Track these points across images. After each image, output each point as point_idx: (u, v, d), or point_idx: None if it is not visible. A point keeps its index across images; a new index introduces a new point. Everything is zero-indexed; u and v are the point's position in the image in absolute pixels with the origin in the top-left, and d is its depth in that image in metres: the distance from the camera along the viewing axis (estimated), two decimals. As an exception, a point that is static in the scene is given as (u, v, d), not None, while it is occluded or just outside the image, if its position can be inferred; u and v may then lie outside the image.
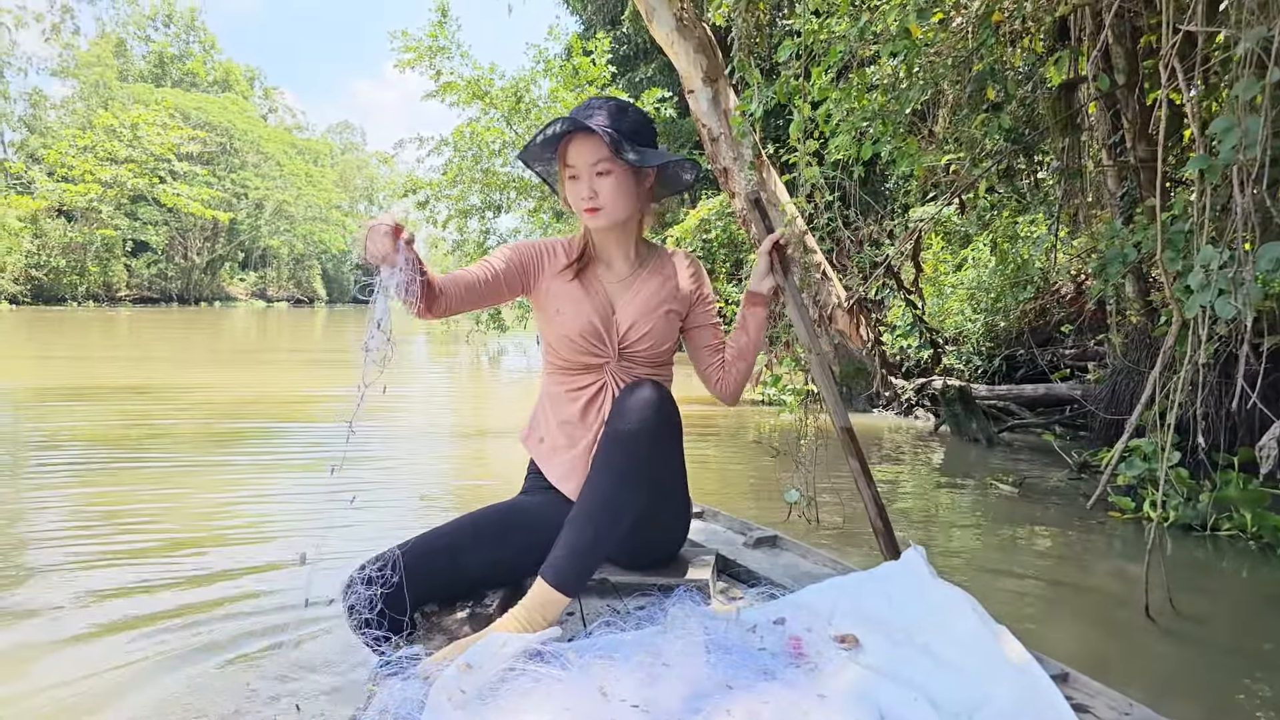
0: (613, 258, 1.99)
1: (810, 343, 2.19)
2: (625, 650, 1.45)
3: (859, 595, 1.64)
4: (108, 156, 41.87)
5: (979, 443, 6.13)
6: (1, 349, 15.19)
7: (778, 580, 1.93)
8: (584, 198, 1.84)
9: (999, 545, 3.62)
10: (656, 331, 1.92)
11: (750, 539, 2.24)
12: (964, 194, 6.05)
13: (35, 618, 2.50)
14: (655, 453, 1.68)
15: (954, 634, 1.44)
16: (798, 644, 1.49)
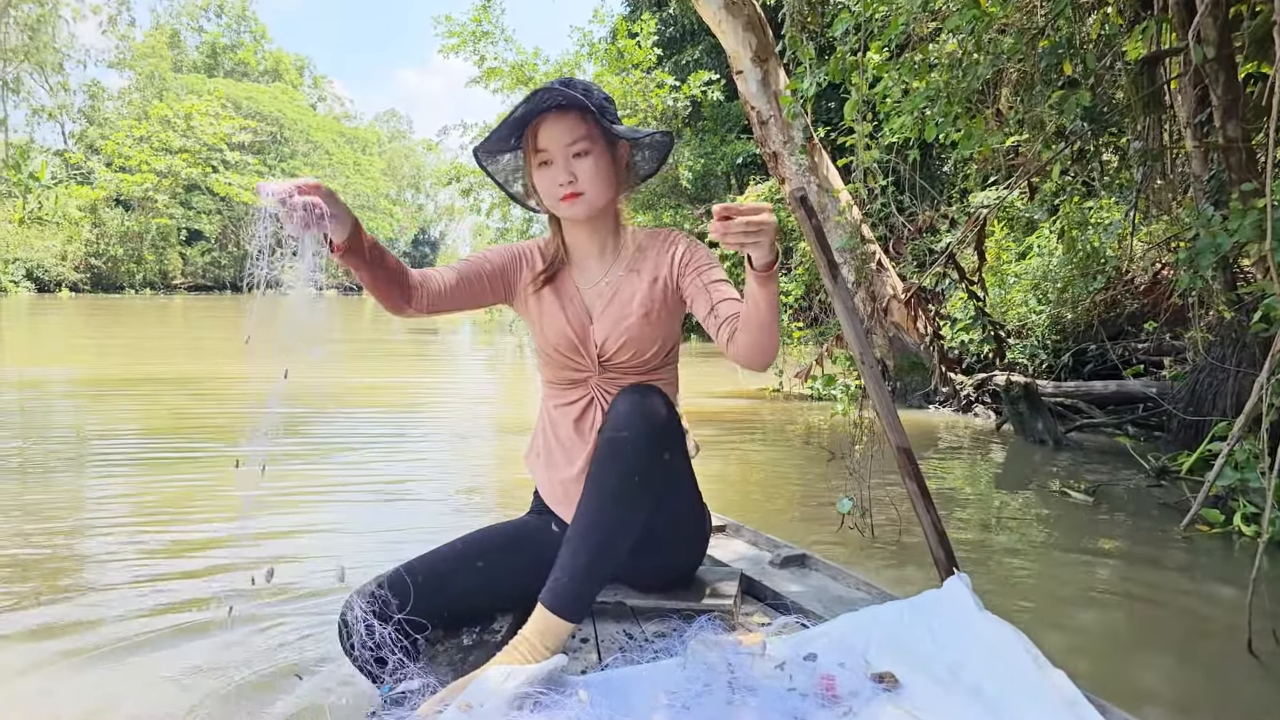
0: (587, 258, 1.82)
1: (863, 354, 1.92)
2: (642, 687, 1.35)
3: (897, 627, 1.52)
4: (163, 147, 42.72)
5: (1044, 443, 5.76)
6: (64, 337, 15.51)
7: (807, 605, 1.79)
8: (561, 184, 1.66)
9: (1070, 562, 3.31)
10: (638, 339, 1.75)
11: (777, 557, 2.08)
12: (1033, 177, 5.66)
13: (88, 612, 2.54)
14: (650, 463, 1.55)
15: (1004, 675, 1.32)
16: (831, 683, 1.36)
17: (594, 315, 1.79)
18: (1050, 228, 7.55)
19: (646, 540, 1.66)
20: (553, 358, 1.79)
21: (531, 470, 1.88)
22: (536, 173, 1.69)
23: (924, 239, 7.42)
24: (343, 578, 1.83)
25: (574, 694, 1.32)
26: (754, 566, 2.05)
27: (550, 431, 1.82)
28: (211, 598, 2.67)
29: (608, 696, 1.33)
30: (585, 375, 1.77)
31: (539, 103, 1.62)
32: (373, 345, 15.11)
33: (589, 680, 1.38)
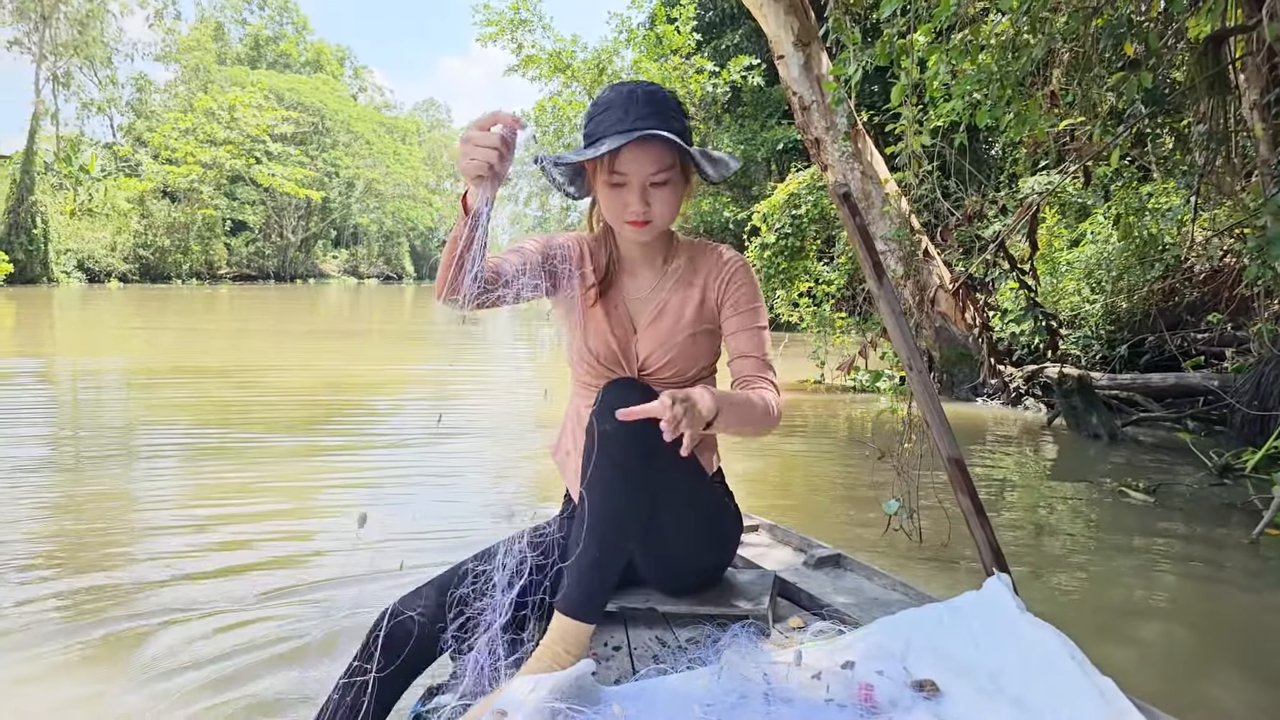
0: (638, 266, 1.75)
1: (911, 359, 1.81)
2: (676, 698, 1.31)
3: (936, 631, 1.46)
4: (207, 138, 43.42)
5: (1099, 438, 5.57)
6: (115, 327, 15.82)
7: (842, 608, 1.75)
8: (634, 210, 1.56)
9: (1132, 569, 3.16)
10: (681, 357, 1.69)
11: (811, 558, 2.02)
12: (1089, 162, 5.45)
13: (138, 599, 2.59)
14: (636, 455, 1.48)
15: (1048, 682, 1.26)
16: (869, 693, 1.31)
17: (638, 326, 1.72)
18: (1105, 214, 7.29)
19: (669, 540, 1.63)
20: (591, 365, 1.72)
21: (560, 466, 1.84)
22: (606, 190, 1.58)
23: (972, 226, 7.21)
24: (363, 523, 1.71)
25: (608, 707, 1.28)
26: (788, 568, 2.00)
27: (576, 430, 1.77)
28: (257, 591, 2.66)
29: (641, 707, 1.29)
30: (619, 376, 1.70)
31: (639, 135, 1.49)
32: (414, 332, 15.20)
33: (622, 691, 1.34)
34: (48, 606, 2.61)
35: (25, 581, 2.83)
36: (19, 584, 2.80)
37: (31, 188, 34.96)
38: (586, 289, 1.72)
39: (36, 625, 2.47)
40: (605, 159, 1.54)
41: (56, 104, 44.04)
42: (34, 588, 2.76)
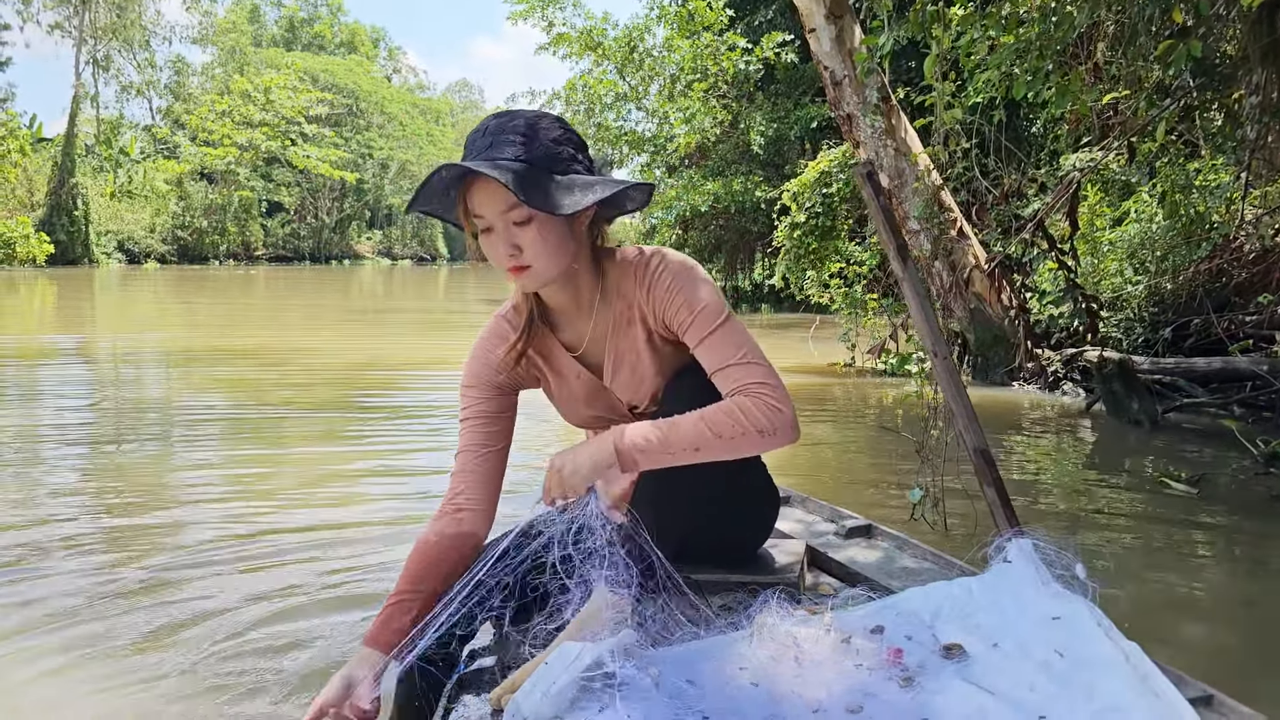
0: (569, 314, 1.56)
1: (936, 346, 1.75)
2: (710, 661, 1.37)
3: (965, 600, 1.50)
4: (243, 120, 43.88)
5: (1140, 425, 5.38)
6: (153, 308, 16.07)
7: (873, 576, 1.79)
8: (505, 255, 1.38)
9: (1172, 562, 3.03)
10: (659, 385, 1.57)
11: (842, 529, 2.07)
12: (1134, 136, 5.23)
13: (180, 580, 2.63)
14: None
15: (1077, 651, 1.30)
16: (898, 657, 1.36)
17: (605, 378, 1.59)
18: (1150, 191, 7.02)
19: (703, 510, 1.61)
20: (587, 429, 1.68)
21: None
22: (480, 238, 1.41)
23: (1010, 205, 6.98)
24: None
25: (645, 670, 1.32)
26: (818, 538, 2.04)
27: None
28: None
29: (676, 671, 1.34)
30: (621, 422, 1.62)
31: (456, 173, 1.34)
32: (447, 316, 15.24)
33: (659, 655, 1.38)
34: (88, 575, 2.65)
35: (67, 552, 2.88)
36: (62, 555, 2.84)
37: (72, 170, 35.59)
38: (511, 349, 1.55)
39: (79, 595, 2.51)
40: (464, 206, 1.39)
41: (96, 87, 44.70)
42: (76, 559, 2.81)
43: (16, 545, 2.95)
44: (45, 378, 7.22)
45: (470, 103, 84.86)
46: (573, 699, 1.24)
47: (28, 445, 4.66)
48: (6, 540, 3.00)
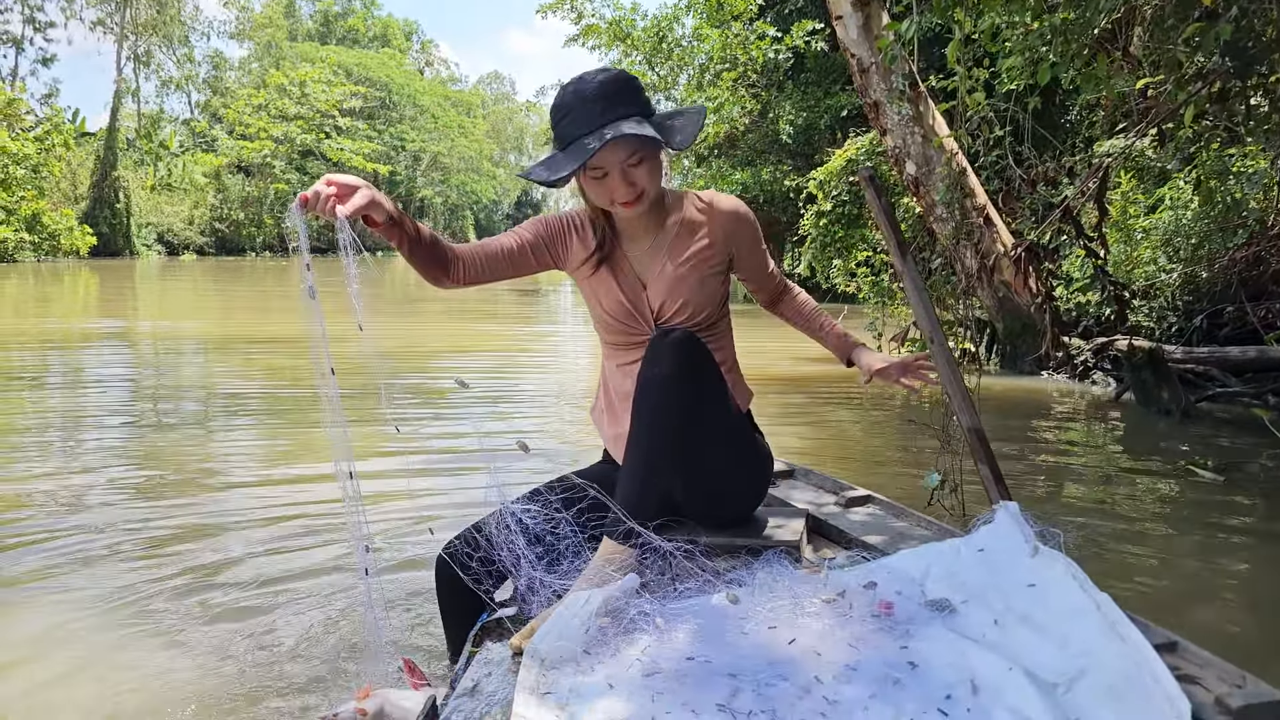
0: (635, 230, 1.85)
1: (933, 332, 1.80)
2: (711, 612, 1.46)
3: (954, 560, 1.59)
4: (279, 114, 44.41)
5: (1170, 414, 5.31)
6: (191, 297, 16.38)
7: (870, 542, 1.89)
8: (620, 195, 1.69)
9: (1197, 549, 3.01)
10: (693, 301, 1.82)
11: (842, 498, 2.18)
12: (1165, 123, 5.14)
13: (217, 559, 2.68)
14: (682, 396, 1.65)
15: (1054, 603, 1.38)
16: (889, 609, 1.45)
17: (647, 282, 1.84)
18: (1184, 178, 6.89)
19: (707, 474, 1.78)
20: (609, 322, 1.86)
21: (596, 424, 1.99)
22: (590, 184, 1.70)
23: (1041, 193, 6.89)
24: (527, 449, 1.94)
25: (652, 620, 1.43)
26: (819, 507, 2.13)
27: (611, 388, 1.92)
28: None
29: (681, 620, 1.44)
30: (643, 338, 1.82)
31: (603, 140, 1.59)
32: (477, 305, 15.36)
33: (664, 608, 1.48)
34: (128, 553, 2.76)
35: (110, 529, 2.99)
36: (103, 532, 2.94)
37: (114, 163, 36.29)
38: (588, 258, 1.84)
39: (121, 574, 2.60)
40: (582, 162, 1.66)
41: (137, 82, 45.59)
42: (117, 534, 2.91)
43: (60, 517, 3.07)
44: (88, 362, 7.43)
45: (501, 95, 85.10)
46: (585, 640, 1.37)
47: (72, 424, 4.84)
48: (51, 513, 3.12)
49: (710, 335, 1.86)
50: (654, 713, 1.21)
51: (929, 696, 1.22)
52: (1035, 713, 1.17)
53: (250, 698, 1.94)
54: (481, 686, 1.43)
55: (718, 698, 1.23)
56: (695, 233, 1.83)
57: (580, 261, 1.85)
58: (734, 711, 1.21)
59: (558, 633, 1.37)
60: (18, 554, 2.76)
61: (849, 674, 1.27)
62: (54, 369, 7.00)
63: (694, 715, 1.20)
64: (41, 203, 30.68)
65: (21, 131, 31.18)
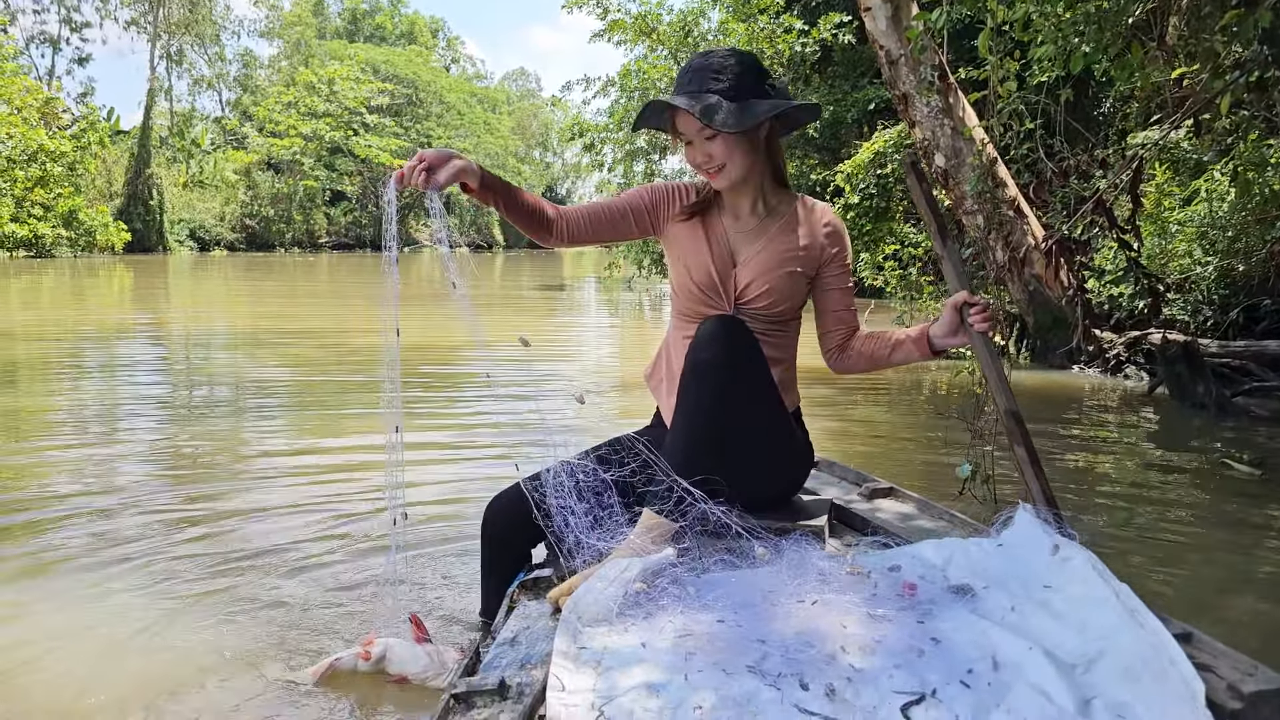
0: (739, 208, 1.94)
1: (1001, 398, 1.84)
2: (740, 586, 1.51)
3: (976, 551, 1.63)
4: (308, 111, 44.85)
5: (1205, 409, 5.23)
6: (223, 291, 16.61)
7: (893, 531, 1.93)
8: (697, 162, 1.84)
9: (1232, 544, 2.98)
10: (777, 290, 1.89)
11: (866, 490, 2.23)
12: (1201, 113, 5.05)
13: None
14: (725, 383, 1.71)
15: (1074, 591, 1.42)
16: (912, 589, 1.49)
17: (739, 259, 1.91)
18: (1221, 169, 6.77)
19: (746, 461, 1.80)
20: (691, 292, 1.91)
21: (653, 392, 2.06)
22: (684, 149, 1.86)
23: (1074, 185, 6.80)
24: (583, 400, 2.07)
25: (685, 587, 1.51)
26: (844, 496, 2.18)
27: (673, 359, 1.95)
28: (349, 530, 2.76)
29: (713, 588, 1.51)
30: (718, 313, 1.87)
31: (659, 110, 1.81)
32: (503, 301, 15.44)
33: (695, 580, 1.56)
34: (161, 537, 2.81)
35: (142, 510, 3.07)
36: (137, 514, 3.02)
37: (148, 161, 36.82)
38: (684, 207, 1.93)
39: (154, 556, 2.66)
40: (671, 124, 1.84)
41: (170, 81, 46.26)
42: (149, 517, 2.98)
43: (96, 503, 3.14)
44: (123, 353, 7.58)
45: (527, 91, 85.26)
46: (621, 603, 1.43)
47: (108, 412, 4.95)
48: (87, 499, 3.20)
49: (782, 331, 1.94)
50: (686, 671, 1.25)
51: (951, 669, 1.25)
52: (1055, 689, 1.20)
53: (265, 646, 2.06)
54: (520, 638, 1.49)
55: (748, 660, 1.28)
56: (797, 230, 1.92)
57: (682, 233, 1.93)
58: (763, 673, 1.24)
59: (595, 594, 1.44)
60: (57, 528, 2.86)
61: (874, 645, 1.31)
62: (91, 359, 7.13)
63: (725, 675, 1.24)
64: (78, 199, 31.22)
65: (59, 130, 31.76)
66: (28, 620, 2.21)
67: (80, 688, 1.89)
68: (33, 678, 1.93)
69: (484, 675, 1.35)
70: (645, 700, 1.20)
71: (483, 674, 1.37)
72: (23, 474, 3.60)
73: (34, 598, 2.35)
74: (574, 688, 1.23)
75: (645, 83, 16.58)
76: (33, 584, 2.45)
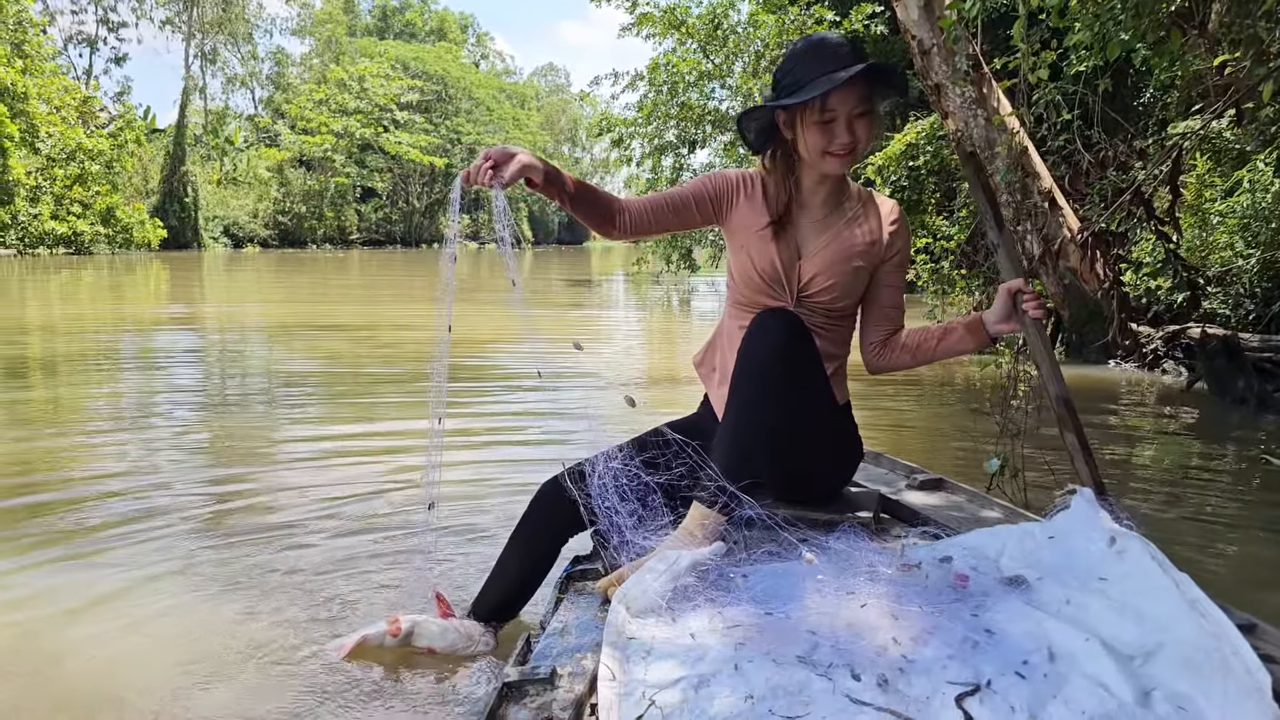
0: (814, 198, 1.89)
1: (1053, 385, 1.83)
2: (789, 577, 1.50)
3: (1029, 540, 1.59)
4: (339, 108, 45.32)
5: (1245, 404, 5.12)
6: (255, 286, 16.83)
7: (943, 522, 1.89)
8: (841, 142, 1.75)
9: (1271, 540, 2.89)
10: (841, 285, 1.86)
11: (914, 481, 2.20)
12: (1244, 102, 4.94)
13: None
14: (780, 377, 1.69)
15: (1131, 581, 1.37)
16: (964, 581, 1.46)
17: (804, 251, 1.87)
18: (1264, 159, 6.62)
19: (797, 454, 1.82)
20: (753, 281, 1.88)
21: (703, 379, 2.05)
22: (813, 128, 1.75)
23: (1111, 178, 6.68)
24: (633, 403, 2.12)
25: (733, 580, 1.50)
26: (891, 488, 2.15)
27: (725, 349, 1.95)
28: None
29: (761, 581, 1.50)
30: (778, 305, 1.86)
31: (857, 72, 1.67)
32: (531, 296, 15.49)
33: (743, 571, 1.55)
34: (195, 518, 2.86)
35: (177, 499, 3.12)
36: (172, 502, 3.07)
37: (183, 159, 37.39)
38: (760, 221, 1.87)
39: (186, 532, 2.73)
40: (816, 100, 1.72)
41: (204, 79, 46.87)
42: (185, 504, 3.03)
43: (132, 493, 3.19)
44: (159, 346, 7.72)
45: (556, 86, 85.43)
46: (670, 595, 1.43)
47: (145, 404, 5.05)
48: (124, 488, 3.25)
49: (840, 326, 1.92)
50: (736, 660, 1.24)
51: (1006, 660, 1.23)
52: (1113, 681, 1.17)
53: (296, 619, 2.12)
54: (570, 628, 1.52)
55: (798, 650, 1.26)
56: (865, 223, 1.88)
57: (747, 222, 1.88)
58: (814, 663, 1.23)
59: (644, 586, 1.44)
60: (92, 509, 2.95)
61: (926, 637, 1.29)
62: (128, 352, 7.26)
63: (775, 665, 1.22)
64: (115, 197, 31.79)
65: (96, 129, 32.36)
66: (63, 598, 2.26)
67: (111, 660, 1.93)
68: (66, 653, 1.98)
69: (535, 664, 1.37)
70: (696, 690, 1.19)
71: (534, 663, 1.38)
72: (59, 459, 3.70)
73: (68, 577, 2.40)
74: (624, 677, 1.23)
75: (674, 76, 16.53)
76: (68, 562, 2.51)
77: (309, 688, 1.78)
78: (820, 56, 1.73)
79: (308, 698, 1.75)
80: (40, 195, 28.87)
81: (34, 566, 2.49)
